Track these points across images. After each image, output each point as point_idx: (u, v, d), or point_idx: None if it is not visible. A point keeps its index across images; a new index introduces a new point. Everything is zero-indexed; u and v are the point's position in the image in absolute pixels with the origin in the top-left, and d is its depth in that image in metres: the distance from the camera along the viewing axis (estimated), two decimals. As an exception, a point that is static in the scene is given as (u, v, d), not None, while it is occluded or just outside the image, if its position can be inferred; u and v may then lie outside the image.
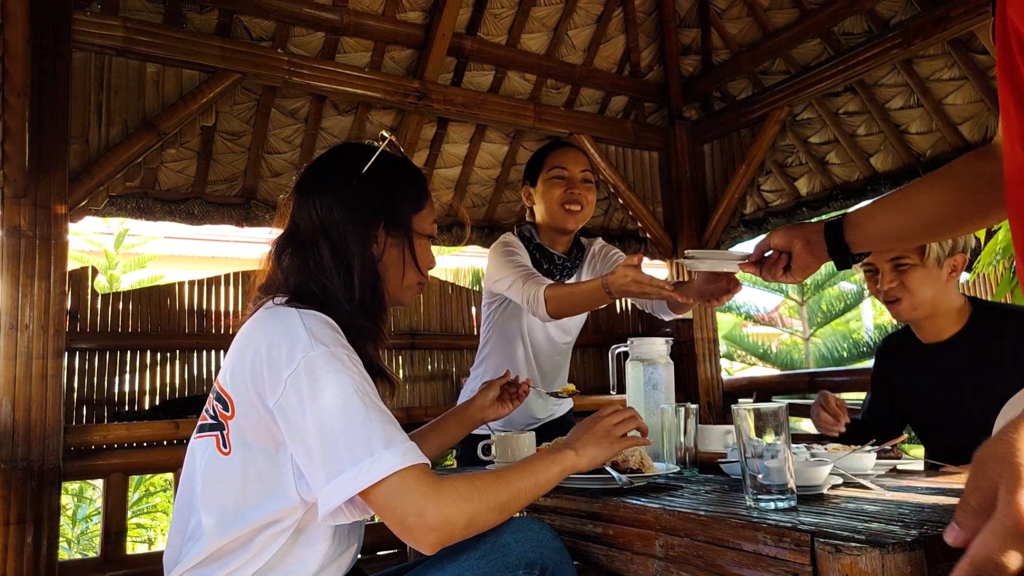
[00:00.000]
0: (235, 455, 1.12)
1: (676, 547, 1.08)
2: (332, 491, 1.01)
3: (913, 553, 0.83)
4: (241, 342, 1.16)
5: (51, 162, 2.40)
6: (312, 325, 1.10)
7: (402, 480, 1.01)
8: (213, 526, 1.12)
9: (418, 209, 1.33)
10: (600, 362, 4.00)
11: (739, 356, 8.95)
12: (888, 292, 1.77)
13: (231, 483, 1.12)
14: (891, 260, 1.75)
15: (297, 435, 1.05)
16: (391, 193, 1.29)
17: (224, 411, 1.15)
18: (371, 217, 1.25)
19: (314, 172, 1.31)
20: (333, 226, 1.23)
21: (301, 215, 1.26)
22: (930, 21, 2.79)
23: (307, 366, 1.05)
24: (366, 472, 1.00)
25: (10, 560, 2.21)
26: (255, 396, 1.09)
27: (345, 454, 1.01)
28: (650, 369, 1.81)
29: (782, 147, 3.64)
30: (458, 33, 3.28)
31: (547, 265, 2.22)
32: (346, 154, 1.33)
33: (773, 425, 1.10)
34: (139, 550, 4.58)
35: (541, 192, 2.20)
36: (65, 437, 2.40)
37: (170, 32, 2.69)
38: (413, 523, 1.01)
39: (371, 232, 1.25)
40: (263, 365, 1.08)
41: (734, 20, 3.65)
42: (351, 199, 1.25)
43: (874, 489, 1.24)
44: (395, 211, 1.28)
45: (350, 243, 1.22)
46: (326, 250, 1.22)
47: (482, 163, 3.68)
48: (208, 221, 3.13)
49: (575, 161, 2.20)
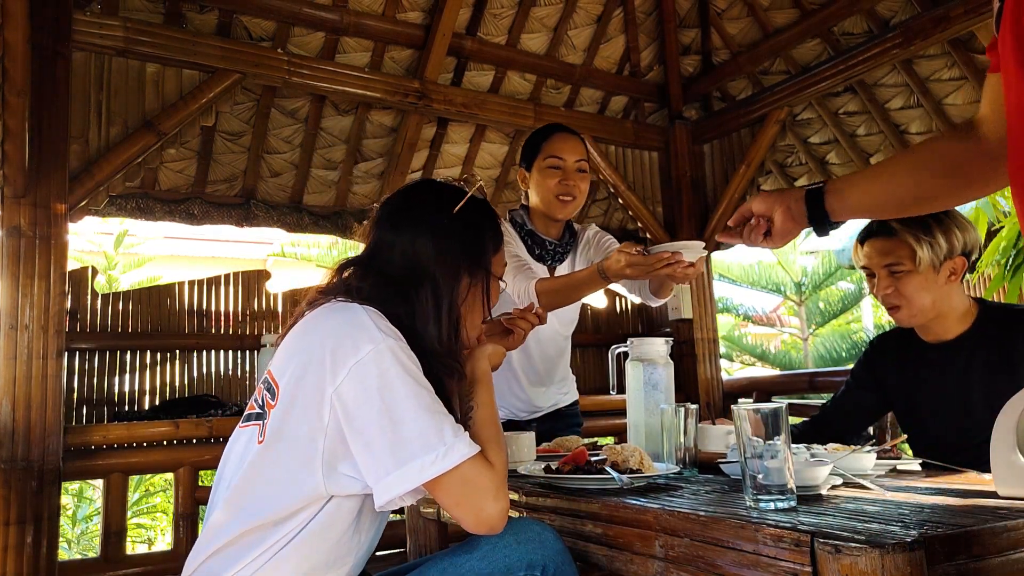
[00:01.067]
0: (269, 442, 1.13)
1: (676, 547, 1.08)
2: (401, 477, 1.04)
3: (913, 553, 0.83)
4: (300, 332, 1.18)
5: (51, 162, 2.40)
6: (377, 319, 1.13)
7: (473, 467, 1.07)
8: (234, 515, 1.13)
9: (497, 252, 1.37)
10: (600, 362, 4.00)
11: (738, 356, 8.96)
12: (885, 298, 1.76)
13: (258, 472, 1.13)
14: (886, 266, 1.74)
15: (359, 423, 1.07)
16: (477, 236, 1.32)
17: (271, 400, 1.16)
18: (460, 259, 1.28)
19: (403, 207, 1.32)
20: (428, 265, 1.25)
21: (386, 247, 1.28)
22: (930, 21, 2.79)
23: (376, 356, 1.08)
24: (441, 459, 1.05)
25: (10, 560, 2.21)
26: (311, 384, 1.10)
27: (416, 442, 1.05)
28: (650, 369, 1.81)
29: (782, 147, 3.64)
30: (458, 33, 3.29)
31: (539, 251, 2.22)
32: (436, 192, 1.35)
33: (773, 425, 1.10)
34: (139, 550, 4.58)
35: (535, 179, 2.18)
36: (65, 437, 2.40)
37: (170, 32, 2.69)
38: (490, 510, 1.08)
39: (460, 274, 1.28)
40: (326, 353, 1.09)
41: (734, 20, 3.65)
42: (442, 239, 1.27)
43: (874, 489, 1.24)
44: (480, 254, 1.31)
45: (443, 284, 1.25)
46: (428, 288, 1.24)
47: (482, 163, 3.68)
48: (208, 221, 3.13)
49: (571, 150, 2.16)
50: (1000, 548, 0.92)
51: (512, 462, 1.67)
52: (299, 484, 1.10)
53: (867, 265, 1.80)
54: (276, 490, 1.11)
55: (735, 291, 9.18)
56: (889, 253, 1.73)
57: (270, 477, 1.12)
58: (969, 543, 0.89)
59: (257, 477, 1.13)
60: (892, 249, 1.73)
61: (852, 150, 3.39)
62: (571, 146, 2.17)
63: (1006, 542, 0.92)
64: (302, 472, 1.10)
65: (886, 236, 1.74)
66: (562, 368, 2.39)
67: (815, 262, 8.76)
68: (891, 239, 1.73)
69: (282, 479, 1.11)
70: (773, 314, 9.88)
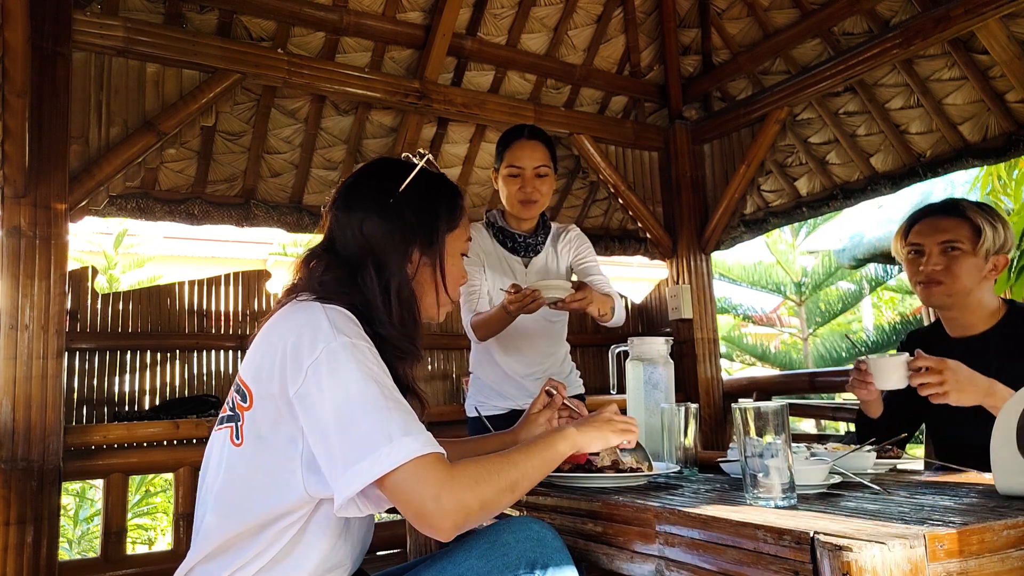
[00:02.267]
0: (246, 447, 1.12)
1: (676, 545, 1.08)
2: (350, 479, 1.01)
3: (912, 551, 0.84)
4: (265, 334, 1.17)
5: (51, 162, 2.40)
6: (334, 317, 1.12)
7: (418, 467, 1.02)
8: (220, 519, 1.12)
9: (453, 228, 1.33)
10: (600, 362, 4.00)
11: (738, 356, 8.96)
12: (932, 273, 1.76)
13: (240, 475, 1.12)
14: (942, 243, 1.76)
15: (316, 424, 1.05)
16: (429, 212, 1.29)
17: (242, 402, 1.15)
18: (409, 236, 1.26)
19: (353, 188, 1.31)
20: (376, 245, 1.23)
21: (340, 230, 1.27)
22: (930, 21, 2.79)
23: (328, 355, 1.06)
24: (385, 458, 1.01)
25: (10, 560, 2.21)
26: (275, 386, 1.09)
27: (364, 442, 1.02)
28: (650, 369, 1.81)
29: (782, 147, 3.64)
30: (458, 33, 3.29)
31: (510, 243, 2.38)
32: (385, 170, 1.32)
33: (773, 424, 1.10)
34: (139, 550, 4.58)
35: (500, 184, 2.33)
36: (65, 437, 2.40)
37: (170, 32, 2.69)
38: (431, 509, 1.02)
39: (408, 251, 1.26)
40: (286, 355, 1.08)
41: (734, 20, 3.65)
42: (390, 218, 1.25)
43: (874, 488, 1.24)
44: (432, 231, 1.28)
45: (391, 263, 1.23)
46: (371, 270, 1.22)
47: (482, 163, 3.68)
48: (208, 221, 3.13)
49: (530, 157, 2.27)
50: (1000, 546, 0.92)
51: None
52: (281, 487, 1.09)
53: (918, 241, 1.80)
54: (259, 494, 1.10)
55: (735, 291, 9.19)
56: (948, 231, 1.76)
57: (252, 481, 1.11)
58: (969, 541, 0.89)
59: (238, 481, 1.12)
60: (953, 228, 1.76)
61: (852, 150, 3.39)
62: (530, 153, 2.28)
63: (1006, 540, 0.92)
64: (283, 474, 1.09)
65: (952, 216, 1.77)
66: (551, 351, 2.42)
67: (815, 262, 8.77)
68: (956, 219, 1.76)
69: (264, 483, 1.10)
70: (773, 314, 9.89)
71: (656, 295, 4.17)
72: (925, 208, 1.87)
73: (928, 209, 1.85)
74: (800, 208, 3.70)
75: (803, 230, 8.79)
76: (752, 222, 3.87)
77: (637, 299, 4.29)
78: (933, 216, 1.81)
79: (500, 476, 1.09)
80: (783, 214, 3.78)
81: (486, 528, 1.20)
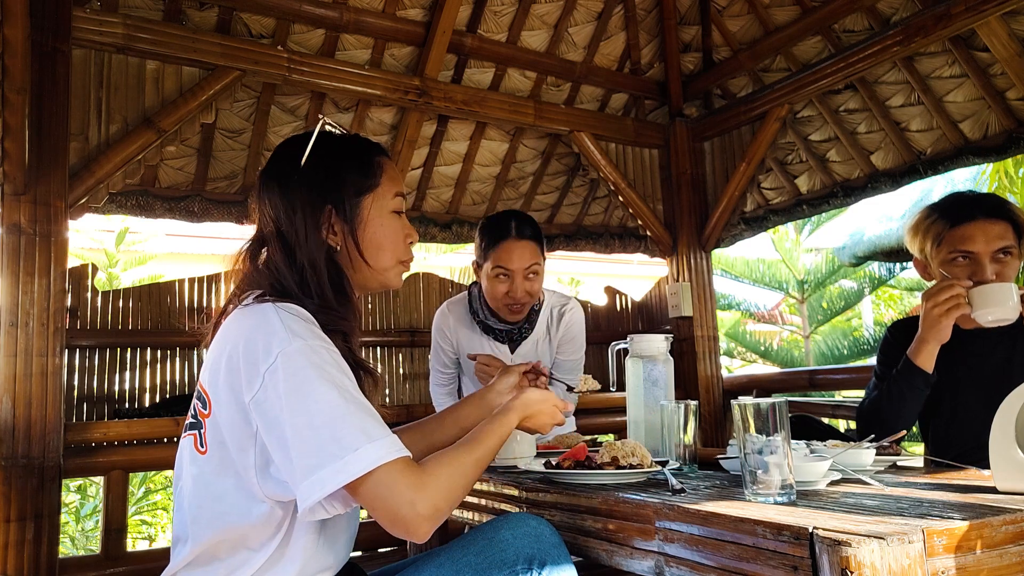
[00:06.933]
0: (211, 454, 1.11)
1: (676, 541, 1.08)
2: (311, 487, 0.99)
3: (911, 547, 0.84)
4: (219, 340, 1.15)
5: (51, 159, 2.40)
6: (287, 318, 1.09)
7: (388, 474, 1.01)
8: (194, 526, 1.12)
9: (368, 189, 1.26)
10: (600, 359, 3.99)
11: (739, 353, 8.95)
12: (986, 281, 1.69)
13: (208, 483, 1.11)
14: (999, 249, 1.70)
15: (274, 431, 1.03)
16: (333, 178, 1.24)
17: (203, 409, 1.13)
18: (316, 207, 1.21)
19: (263, 173, 1.29)
20: (283, 223, 1.21)
21: (260, 216, 1.26)
22: (931, 18, 2.79)
23: (284, 360, 1.03)
24: (348, 467, 0.99)
25: (10, 557, 2.22)
26: (232, 392, 1.07)
27: (324, 450, 1.00)
28: (650, 366, 1.81)
29: (782, 144, 3.63)
30: (458, 30, 3.28)
31: (492, 335, 2.31)
32: (285, 147, 1.29)
33: (773, 421, 1.10)
34: (140, 547, 4.59)
35: (485, 282, 2.22)
36: (65, 434, 2.40)
37: (170, 29, 2.69)
38: (407, 514, 1.02)
39: (319, 222, 1.22)
40: (240, 360, 1.06)
41: (735, 17, 3.65)
42: (291, 192, 1.22)
43: (873, 484, 1.24)
44: (335, 189, 1.23)
45: (299, 238, 1.20)
46: (276, 249, 1.20)
47: (482, 160, 3.68)
48: (208, 218, 3.13)
49: (519, 258, 2.14)
50: (998, 542, 0.92)
51: (512, 458, 1.67)
52: (252, 491, 1.08)
53: (971, 249, 1.72)
54: (230, 499, 1.09)
55: (738, 287, 9.18)
56: (1002, 237, 1.71)
57: (220, 488, 1.10)
58: (968, 537, 0.89)
59: (206, 488, 1.11)
60: (1005, 233, 1.71)
61: (853, 148, 3.38)
62: (519, 254, 2.14)
63: (1004, 536, 0.92)
64: (245, 480, 1.08)
65: (1002, 219, 1.72)
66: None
67: (817, 260, 8.76)
68: (1004, 222, 1.71)
69: (231, 489, 1.09)
70: (775, 311, 9.88)
71: (656, 293, 4.17)
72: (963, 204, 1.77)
73: (970, 208, 1.75)
74: (800, 206, 3.70)
75: (807, 227, 8.79)
76: (752, 220, 3.87)
77: (637, 297, 4.29)
78: (985, 219, 1.72)
79: (468, 471, 1.13)
80: (783, 212, 3.78)
81: (484, 525, 1.21)
